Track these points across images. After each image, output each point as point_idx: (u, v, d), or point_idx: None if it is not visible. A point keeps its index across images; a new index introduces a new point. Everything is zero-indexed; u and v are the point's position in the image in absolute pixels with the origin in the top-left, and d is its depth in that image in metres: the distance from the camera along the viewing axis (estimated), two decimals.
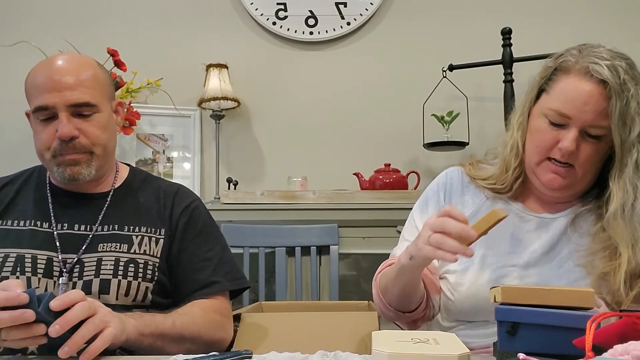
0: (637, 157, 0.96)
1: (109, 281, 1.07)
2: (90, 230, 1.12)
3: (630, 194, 0.97)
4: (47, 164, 1.12)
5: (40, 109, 1.07)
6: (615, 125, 0.95)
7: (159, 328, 0.98)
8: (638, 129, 0.95)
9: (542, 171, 1.03)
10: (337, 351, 0.83)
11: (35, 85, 1.08)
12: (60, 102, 1.06)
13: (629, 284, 0.96)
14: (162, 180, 1.27)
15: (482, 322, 1.04)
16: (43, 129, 1.08)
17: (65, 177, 1.09)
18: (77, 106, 1.07)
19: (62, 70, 1.08)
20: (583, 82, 0.97)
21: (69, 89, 1.06)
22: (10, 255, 1.07)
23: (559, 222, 1.07)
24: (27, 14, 2.57)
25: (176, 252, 1.15)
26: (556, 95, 1.00)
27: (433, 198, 1.17)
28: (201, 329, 1.05)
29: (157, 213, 1.17)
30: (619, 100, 0.94)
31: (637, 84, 0.97)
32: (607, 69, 0.95)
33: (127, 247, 1.11)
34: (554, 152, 1.00)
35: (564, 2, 2.51)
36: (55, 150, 1.08)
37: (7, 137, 2.47)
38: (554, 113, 1.00)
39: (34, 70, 1.11)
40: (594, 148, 0.99)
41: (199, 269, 1.14)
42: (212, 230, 1.21)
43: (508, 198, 1.11)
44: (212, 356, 0.81)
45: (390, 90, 2.51)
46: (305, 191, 2.14)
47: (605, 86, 0.95)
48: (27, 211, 1.13)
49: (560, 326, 0.64)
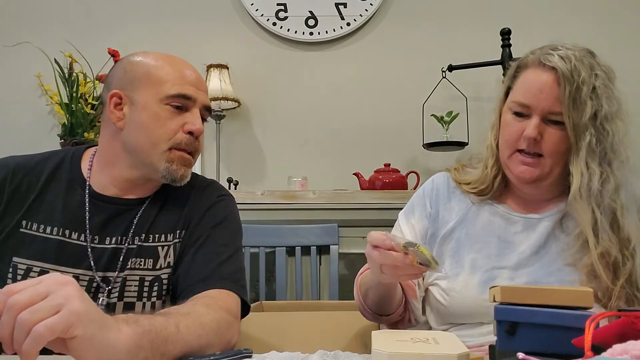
0: (589, 139, 0.99)
1: (133, 304, 1.00)
2: (122, 243, 1.02)
3: (586, 175, 0.99)
4: (154, 156, 1.01)
5: (182, 96, 1.02)
6: (567, 109, 0.98)
7: (161, 335, 0.74)
8: (590, 112, 0.98)
9: (513, 164, 1.05)
10: (337, 351, 0.83)
11: (170, 72, 1.04)
12: (199, 98, 1.05)
13: (614, 274, 0.97)
14: (197, 177, 1.16)
15: (476, 323, 1.04)
16: (171, 117, 1.02)
17: (176, 176, 1.02)
18: (207, 109, 1.08)
19: (196, 72, 1.09)
20: (538, 72, 1.03)
21: (204, 91, 1.08)
22: (33, 269, 0.97)
23: (545, 222, 1.08)
24: (28, 15, 2.57)
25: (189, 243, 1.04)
26: (517, 88, 1.06)
27: (419, 204, 1.18)
28: (209, 332, 0.84)
29: (184, 214, 1.07)
30: (569, 84, 0.98)
31: (592, 70, 1.00)
32: (557, 57, 1.00)
33: (152, 263, 1.03)
34: (521, 142, 1.03)
35: (563, 2, 2.51)
36: (180, 143, 1.01)
37: (7, 137, 2.47)
38: (515, 104, 1.05)
39: (159, 56, 1.07)
40: (559, 136, 1.01)
41: (207, 261, 1.02)
42: (232, 226, 1.10)
43: (492, 200, 1.13)
44: (211, 355, 0.81)
45: (390, 90, 2.52)
46: (305, 191, 2.15)
47: (557, 73, 1.00)
48: (55, 214, 1.01)
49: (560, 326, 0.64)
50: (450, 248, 1.10)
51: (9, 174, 1.02)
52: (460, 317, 1.06)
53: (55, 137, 2.37)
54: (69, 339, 0.62)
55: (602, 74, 1.01)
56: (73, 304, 0.62)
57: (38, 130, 2.50)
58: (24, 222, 1.00)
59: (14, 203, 1.01)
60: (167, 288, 1.03)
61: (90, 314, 0.64)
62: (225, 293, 0.97)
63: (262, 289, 1.84)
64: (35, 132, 2.49)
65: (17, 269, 0.97)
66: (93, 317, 0.64)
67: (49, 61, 2.36)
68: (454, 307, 1.06)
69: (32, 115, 2.51)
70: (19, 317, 0.60)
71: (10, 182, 1.02)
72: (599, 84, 1.00)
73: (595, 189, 0.99)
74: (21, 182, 1.02)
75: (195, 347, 0.80)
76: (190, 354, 0.79)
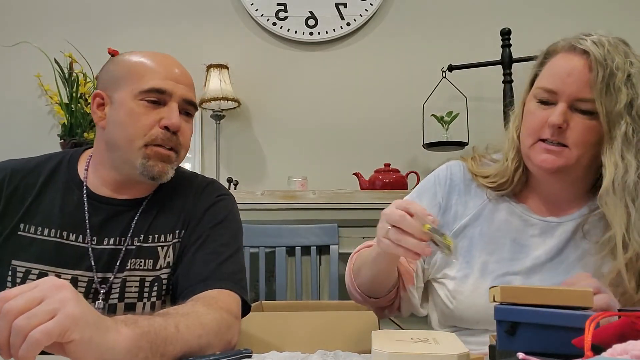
0: (625, 128, 0.92)
1: (134, 305, 1.00)
2: (120, 243, 1.01)
3: (621, 167, 0.91)
4: (131, 153, 0.99)
5: (155, 90, 0.99)
6: (599, 94, 0.92)
7: (160, 335, 0.74)
8: (625, 100, 0.91)
9: (535, 153, 0.98)
10: (337, 351, 0.83)
11: (148, 67, 1.02)
12: (177, 92, 1.01)
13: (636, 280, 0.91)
14: (197, 176, 1.15)
15: (482, 330, 1.00)
16: (146, 112, 0.99)
17: (153, 172, 0.99)
18: (188, 102, 1.03)
19: (179, 67, 1.05)
20: (568, 57, 0.97)
21: (185, 84, 1.03)
22: (32, 271, 0.97)
23: (565, 226, 1.02)
24: (28, 15, 2.57)
25: (188, 243, 1.04)
26: (544, 74, 1.00)
27: (429, 192, 1.11)
28: (209, 332, 0.83)
29: (183, 214, 1.06)
30: (602, 68, 0.92)
31: (627, 57, 0.94)
32: (590, 41, 0.94)
33: (152, 263, 1.02)
34: (544, 131, 0.96)
35: (563, 2, 2.51)
36: (156, 138, 0.99)
37: (7, 137, 2.47)
38: (541, 91, 0.98)
39: (141, 54, 1.05)
40: (587, 125, 0.94)
41: (207, 261, 1.01)
42: (232, 226, 1.09)
43: (511, 199, 1.06)
44: (211, 355, 0.80)
45: (390, 90, 2.52)
46: (305, 191, 2.15)
47: (589, 57, 0.93)
48: (52, 216, 1.00)
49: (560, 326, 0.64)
50: (462, 246, 1.04)
51: (6, 177, 1.02)
52: (466, 322, 1.02)
53: (55, 137, 2.37)
54: (67, 343, 0.61)
55: (637, 62, 0.94)
56: (68, 308, 0.61)
57: (38, 130, 2.49)
58: (22, 225, 1.00)
59: (11, 206, 1.01)
60: (167, 288, 1.03)
61: (86, 317, 0.63)
62: (226, 293, 0.96)
63: (262, 289, 1.84)
64: (35, 132, 2.49)
65: (16, 271, 0.97)
66: (90, 320, 0.63)
67: (49, 61, 2.35)
68: (461, 311, 1.01)
69: (31, 115, 2.51)
70: (15, 323, 0.59)
71: (7, 186, 1.02)
72: (634, 71, 0.93)
73: (631, 181, 0.90)
74: (18, 185, 1.02)
75: (195, 348, 0.79)
76: (190, 354, 0.78)
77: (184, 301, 0.92)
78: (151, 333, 0.72)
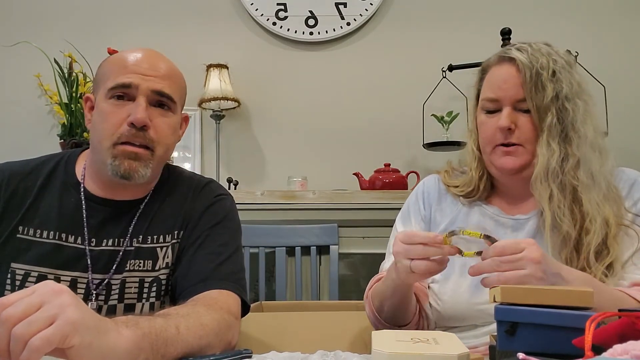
0: (551, 120, 1.01)
1: (133, 305, 1.00)
2: (119, 245, 1.01)
3: (546, 155, 1.01)
4: (103, 154, 0.98)
5: (120, 86, 0.97)
6: (529, 93, 1.02)
7: (161, 336, 0.74)
8: (551, 94, 1.01)
9: (496, 157, 1.07)
10: (337, 351, 0.83)
11: (117, 64, 0.99)
12: (143, 84, 0.97)
13: (593, 256, 0.97)
14: (195, 176, 1.14)
15: (470, 325, 1.05)
16: (113, 111, 0.97)
17: (119, 172, 0.96)
18: (159, 94, 0.99)
19: (152, 60, 1.01)
20: (500, 67, 1.07)
21: (156, 76, 0.99)
22: (31, 274, 0.97)
23: (532, 221, 1.08)
24: (28, 14, 2.57)
25: (187, 243, 1.04)
26: (484, 87, 1.10)
27: (414, 207, 1.20)
28: (209, 333, 0.83)
29: (182, 214, 1.06)
30: (528, 70, 1.02)
31: (549, 56, 1.03)
32: (515, 50, 1.05)
33: (151, 264, 1.02)
34: (498, 136, 1.05)
35: (563, 2, 2.51)
36: (121, 136, 0.96)
37: (7, 137, 2.47)
38: (485, 102, 1.08)
39: (120, 53, 1.02)
40: (531, 122, 1.03)
41: (207, 261, 1.00)
42: (231, 226, 1.08)
43: (482, 202, 1.14)
44: (211, 356, 0.81)
45: (390, 90, 2.52)
46: (305, 191, 2.15)
47: (516, 62, 1.04)
48: (50, 218, 1.00)
49: (560, 326, 0.64)
50: None
51: (5, 180, 1.02)
52: (453, 320, 1.07)
53: (55, 137, 2.37)
54: (67, 348, 0.60)
55: (560, 60, 1.04)
56: (68, 313, 0.60)
57: (37, 130, 2.49)
58: (20, 228, 0.99)
59: (10, 210, 1.00)
60: (166, 288, 1.03)
61: (86, 322, 0.62)
62: (226, 293, 0.96)
63: (262, 289, 1.84)
64: (35, 132, 2.49)
65: (16, 274, 0.97)
66: (90, 324, 0.63)
67: (49, 61, 2.35)
68: (446, 311, 1.07)
69: (31, 115, 2.51)
70: (14, 330, 0.58)
71: (5, 189, 1.01)
72: (558, 67, 1.03)
73: (552, 167, 1.00)
74: (17, 188, 1.02)
75: (196, 348, 0.79)
76: (190, 355, 0.78)
77: (184, 301, 0.92)
78: (152, 334, 0.72)
